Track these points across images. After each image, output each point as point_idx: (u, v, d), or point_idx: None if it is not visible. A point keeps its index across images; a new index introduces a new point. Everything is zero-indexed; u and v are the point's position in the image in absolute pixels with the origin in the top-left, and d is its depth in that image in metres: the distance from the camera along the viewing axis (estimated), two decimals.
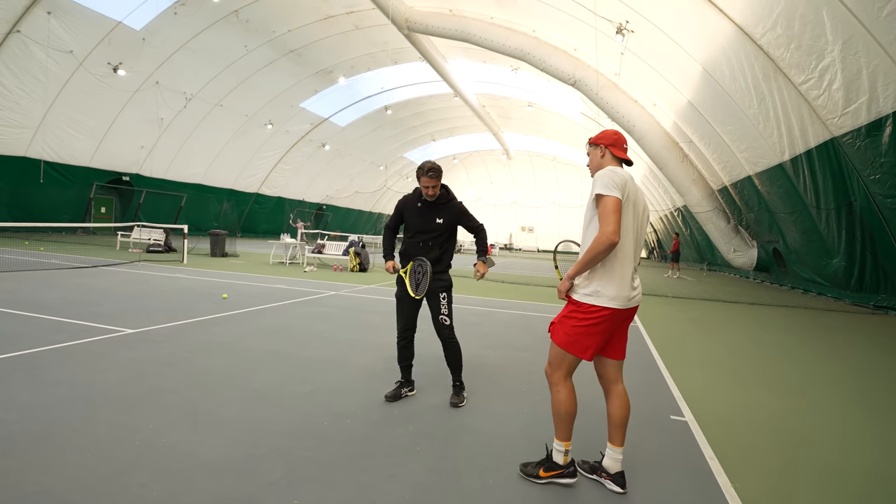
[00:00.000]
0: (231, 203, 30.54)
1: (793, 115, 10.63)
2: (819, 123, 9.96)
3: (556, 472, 2.48)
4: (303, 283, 10.06)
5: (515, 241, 50.42)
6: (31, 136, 19.08)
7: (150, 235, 16.27)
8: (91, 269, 10.00)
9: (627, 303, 2.41)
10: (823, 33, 8.41)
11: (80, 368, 3.75)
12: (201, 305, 6.65)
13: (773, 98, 10.91)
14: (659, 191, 27.67)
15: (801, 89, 9.86)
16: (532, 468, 2.53)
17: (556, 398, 2.49)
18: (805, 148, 10.92)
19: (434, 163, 3.44)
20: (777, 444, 3.17)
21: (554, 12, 15.72)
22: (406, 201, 3.62)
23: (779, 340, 6.92)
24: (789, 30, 9.14)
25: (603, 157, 2.56)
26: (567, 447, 2.49)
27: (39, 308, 5.74)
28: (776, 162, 12.46)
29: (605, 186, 2.34)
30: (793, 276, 14.99)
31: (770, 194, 13.83)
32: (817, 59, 8.96)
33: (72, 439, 2.60)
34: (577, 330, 2.41)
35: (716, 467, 2.74)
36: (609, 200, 2.31)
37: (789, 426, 3.50)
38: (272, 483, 2.31)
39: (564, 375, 2.49)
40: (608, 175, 2.37)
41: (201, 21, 19.41)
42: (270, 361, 4.29)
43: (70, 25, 17.06)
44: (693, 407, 3.74)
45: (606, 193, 2.32)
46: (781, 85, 10.36)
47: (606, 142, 2.56)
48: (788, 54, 9.58)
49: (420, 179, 3.45)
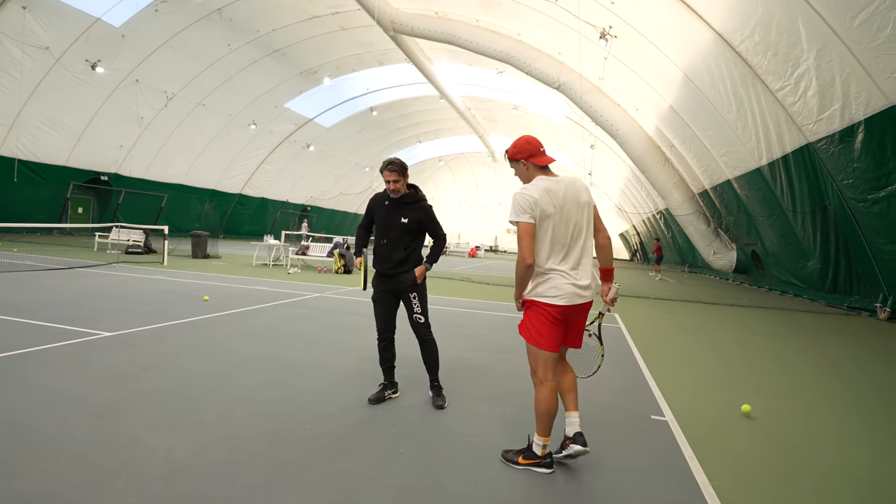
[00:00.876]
0: (213, 204, 30.06)
1: (770, 120, 10.89)
2: (795, 129, 10.23)
3: (534, 462, 2.63)
4: (286, 284, 9.95)
5: (501, 243, 50.63)
6: (4, 134, 18.53)
7: (129, 236, 15.92)
8: (67, 270, 9.75)
9: (575, 299, 2.55)
10: (799, 41, 8.65)
11: (56, 372, 3.65)
12: (182, 308, 6.54)
13: (751, 104, 11.16)
14: (641, 193, 28.07)
15: (777, 95, 10.12)
16: (512, 455, 2.70)
17: (539, 397, 2.62)
18: (782, 153, 11.19)
19: (396, 158, 3.42)
20: (756, 443, 3.23)
21: (539, 16, 15.86)
22: (375, 199, 3.60)
23: (758, 341, 7.07)
24: (766, 37, 9.37)
25: (528, 170, 2.66)
26: (545, 442, 2.62)
27: (12, 310, 5.57)
28: (754, 166, 12.75)
29: (514, 212, 2.52)
30: (770, 277, 15.34)
31: (749, 198, 14.14)
32: (793, 67, 9.20)
33: (45, 445, 2.53)
34: (532, 325, 2.62)
35: (695, 466, 2.78)
36: (520, 227, 2.50)
37: (768, 425, 3.57)
38: (253, 488, 2.28)
39: (544, 373, 2.61)
40: (516, 200, 2.52)
41: (183, 19, 19.10)
42: (252, 364, 4.23)
43: (46, 21, 16.64)
44: (673, 407, 3.80)
45: (515, 219, 2.51)
46: (759, 91, 10.61)
47: (524, 155, 2.64)
48: (766, 61, 9.82)
49: (382, 174, 3.42)
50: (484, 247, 39.04)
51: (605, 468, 2.73)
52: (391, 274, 3.50)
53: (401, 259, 3.48)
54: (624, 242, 45.07)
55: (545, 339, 2.59)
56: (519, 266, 2.52)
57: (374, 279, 3.61)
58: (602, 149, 26.90)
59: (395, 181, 3.37)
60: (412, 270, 3.53)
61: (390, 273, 3.50)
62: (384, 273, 3.52)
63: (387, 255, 3.47)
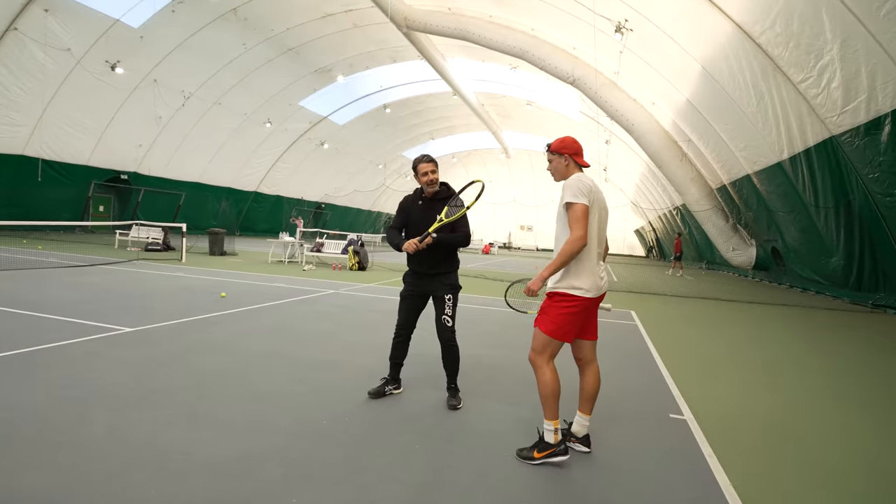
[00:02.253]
0: (230, 201, 30.46)
1: (792, 113, 10.63)
2: (818, 122, 9.96)
3: (550, 451, 2.65)
4: (301, 281, 10.04)
5: (514, 239, 50.41)
6: (28, 135, 18.99)
7: (148, 234, 16.23)
8: (89, 267, 9.97)
9: (598, 291, 2.74)
10: (822, 32, 8.41)
11: (77, 367, 3.73)
12: (200, 304, 6.64)
13: (771, 97, 10.90)
14: (658, 189, 27.68)
15: (799, 88, 9.86)
16: (527, 451, 2.71)
17: (543, 380, 2.70)
18: (804, 147, 10.92)
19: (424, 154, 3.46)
20: (777, 442, 3.17)
21: (553, 11, 15.69)
22: (407, 201, 3.60)
23: (778, 339, 6.93)
24: (788, 28, 9.13)
25: (567, 166, 2.84)
26: (556, 425, 2.68)
27: (36, 307, 5.72)
28: (775, 161, 12.46)
29: (573, 195, 2.64)
30: (791, 274, 15.01)
31: (769, 193, 13.84)
32: (816, 58, 8.95)
33: (67, 439, 2.58)
34: (560, 318, 2.68)
35: (715, 466, 2.73)
36: (578, 207, 2.62)
37: (789, 425, 3.50)
38: (270, 482, 2.30)
39: (548, 359, 2.72)
40: (576, 183, 2.67)
41: (199, 19, 19.33)
42: (269, 360, 4.28)
43: (67, 23, 16.98)
44: (692, 405, 3.74)
45: (575, 201, 2.63)
46: (780, 83, 10.36)
47: (570, 151, 2.83)
48: (787, 53, 9.58)
49: (418, 169, 3.42)
50: (497, 244, 38.88)
51: (622, 467, 2.70)
52: (430, 274, 3.47)
53: (439, 259, 3.44)
54: (640, 239, 44.52)
55: (568, 332, 2.71)
56: (575, 244, 2.58)
57: (407, 277, 3.59)
58: (617, 144, 26.57)
59: (433, 171, 3.42)
60: (452, 272, 3.52)
61: (428, 273, 3.47)
62: (420, 273, 3.49)
63: (425, 256, 3.39)
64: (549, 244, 47.51)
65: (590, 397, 2.87)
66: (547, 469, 2.62)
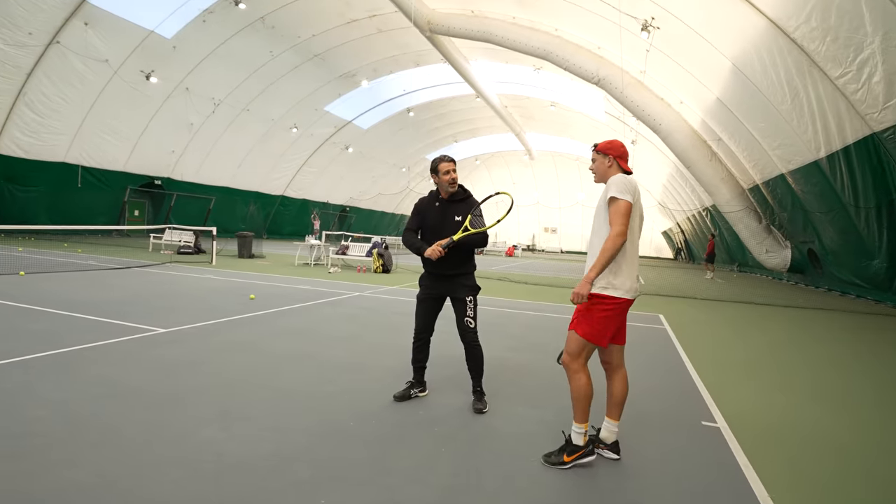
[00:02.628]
0: (257, 205, 31.16)
1: (829, 110, 10.23)
2: (857, 119, 9.56)
3: (579, 454, 2.65)
4: (327, 283, 10.18)
5: (538, 241, 49.98)
6: (69, 143, 19.86)
7: (180, 237, 16.73)
8: (125, 269, 10.34)
9: (635, 294, 2.71)
10: (862, 24, 8.07)
11: (115, 366, 3.87)
12: (229, 305, 6.80)
13: (807, 93, 10.52)
14: (686, 190, 27.02)
15: (837, 83, 9.49)
16: (555, 456, 2.68)
17: (577, 384, 2.70)
18: (842, 144, 10.49)
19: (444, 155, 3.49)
20: (819, 452, 3.03)
21: (577, 11, 15.53)
22: (423, 203, 3.58)
23: (816, 344, 6.66)
24: (825, 22, 8.80)
25: (610, 167, 2.82)
26: (585, 428, 2.70)
27: (77, 307, 5.96)
28: (811, 159, 12.01)
29: (619, 191, 2.63)
30: (829, 277, 14.41)
31: (805, 193, 13.34)
32: (855, 52, 8.60)
33: (105, 435, 2.68)
34: (599, 321, 2.65)
35: (751, 476, 2.64)
36: (622, 203, 2.61)
37: (832, 433, 3.35)
38: (299, 482, 2.33)
39: (583, 362, 2.72)
40: (622, 181, 2.67)
41: (229, 28, 19.88)
42: (296, 361, 4.34)
43: (105, 35, 17.70)
44: (725, 412, 3.62)
45: (620, 197, 2.61)
46: (817, 79, 9.99)
47: (615, 153, 2.82)
48: (824, 47, 9.23)
49: (439, 168, 3.42)
50: (521, 246, 38.60)
51: (653, 475, 2.63)
52: (448, 275, 3.45)
53: (457, 261, 3.42)
54: (667, 241, 43.54)
55: (605, 335, 2.68)
56: (617, 240, 2.56)
57: (424, 279, 3.57)
58: (644, 144, 26.08)
59: (454, 170, 3.43)
60: (470, 274, 3.51)
61: (447, 275, 3.45)
62: (438, 274, 3.47)
63: (443, 258, 3.33)
64: (573, 246, 46.90)
65: (618, 403, 2.84)
66: (574, 475, 2.58)
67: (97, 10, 16.69)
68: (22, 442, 2.53)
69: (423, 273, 3.60)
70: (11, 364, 3.74)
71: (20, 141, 18.28)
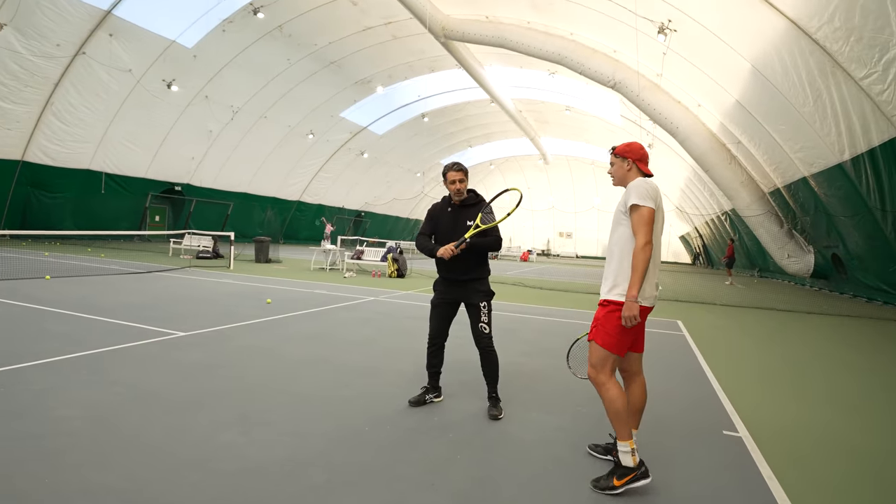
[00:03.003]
0: (274, 211, 31.58)
1: (853, 112, 9.99)
2: (883, 120, 9.31)
3: (630, 477, 2.44)
4: (342, 288, 10.25)
5: (553, 246, 49.63)
6: (93, 151, 20.43)
7: (199, 242, 17.03)
8: (146, 274, 10.56)
9: (654, 301, 2.63)
10: (888, 24, 7.87)
11: (137, 369, 3.94)
12: (247, 310, 6.89)
13: (830, 95, 10.29)
14: (704, 194, 26.59)
15: (862, 84, 9.26)
16: (604, 480, 2.48)
17: (609, 395, 2.54)
18: (868, 146, 10.22)
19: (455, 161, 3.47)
20: (845, 463, 2.94)
21: (592, 14, 15.46)
22: (436, 208, 3.62)
23: (841, 352, 6.48)
24: (848, 22, 8.60)
25: (629, 171, 2.72)
26: (632, 445, 2.48)
27: (101, 311, 6.10)
28: (835, 162, 11.73)
29: (640, 197, 2.53)
30: (855, 283, 14.02)
31: (828, 196, 13.02)
32: (881, 52, 8.39)
33: (130, 437, 2.73)
34: (618, 329, 2.54)
35: (776, 488, 2.57)
36: (645, 211, 2.51)
37: (859, 444, 3.24)
38: (315, 487, 2.34)
39: (610, 374, 2.58)
40: (643, 186, 2.57)
41: (247, 37, 20.27)
42: (312, 365, 4.38)
43: (129, 46, 18.20)
44: (747, 421, 3.53)
45: (643, 204, 2.51)
46: (840, 80, 9.76)
47: (635, 156, 2.71)
48: (848, 48, 9.02)
49: (447, 176, 3.45)
50: (536, 251, 38.36)
51: (673, 486, 2.57)
52: (462, 281, 3.47)
53: (471, 265, 3.44)
54: (685, 245, 42.88)
55: (622, 343, 2.58)
56: (646, 251, 2.47)
57: (438, 285, 3.59)
58: (660, 148, 25.76)
59: (461, 180, 3.43)
60: (484, 279, 3.51)
61: (460, 280, 3.47)
62: (451, 280, 3.49)
63: (456, 262, 3.37)
64: (589, 251, 46.47)
65: (637, 410, 2.77)
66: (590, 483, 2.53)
67: (121, 21, 17.18)
68: (49, 441, 2.59)
69: (437, 278, 3.62)
70: (40, 365, 3.84)
71: (47, 149, 18.88)
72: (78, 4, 15.93)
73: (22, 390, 3.30)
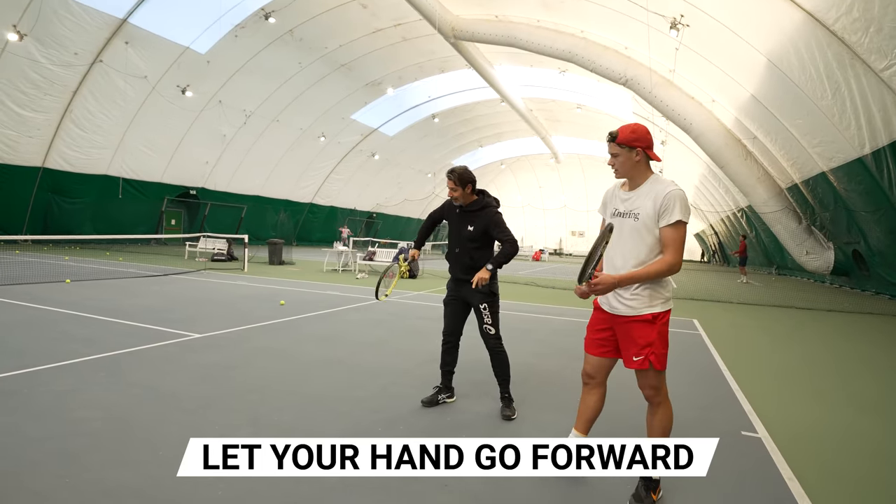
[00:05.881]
0: (287, 213, 31.88)
1: (874, 104, 9.75)
2: None
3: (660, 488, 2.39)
4: (355, 289, 10.30)
5: (566, 245, 49.32)
6: (111, 156, 20.84)
7: (214, 245, 17.25)
8: (163, 277, 10.73)
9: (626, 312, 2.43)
10: None
11: (155, 370, 4.00)
12: (261, 311, 6.95)
13: (849, 87, 10.06)
14: (720, 191, 26.19)
15: (882, 76, 9.03)
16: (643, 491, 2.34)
17: (670, 413, 2.41)
18: (889, 140, 9.97)
19: (459, 167, 3.43)
20: (867, 466, 2.87)
21: (603, 11, 15.32)
22: (449, 205, 3.64)
23: (863, 350, 6.32)
24: (868, 12, 8.40)
25: (639, 161, 2.35)
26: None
27: (119, 314, 6.20)
28: (855, 156, 11.46)
29: (684, 212, 2.26)
30: (877, 280, 13.68)
31: (848, 191, 12.73)
32: None
33: (147, 437, 2.77)
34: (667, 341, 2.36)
35: (797, 490, 2.51)
36: (684, 229, 2.28)
37: (880, 447, 3.16)
38: (330, 488, 2.35)
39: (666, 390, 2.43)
40: (683, 200, 2.27)
41: (259, 42, 20.50)
42: (325, 366, 4.40)
43: (144, 53, 18.52)
44: (767, 422, 3.46)
45: (685, 220, 2.27)
46: (859, 72, 9.54)
47: (643, 144, 2.32)
48: (867, 39, 8.81)
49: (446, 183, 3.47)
50: (548, 250, 38.12)
51: (691, 489, 2.53)
52: (462, 280, 3.51)
53: (468, 266, 3.47)
54: (700, 243, 42.30)
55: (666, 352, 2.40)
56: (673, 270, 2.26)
57: (449, 283, 3.64)
58: (674, 144, 25.44)
59: (452, 189, 3.42)
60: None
61: (462, 279, 3.51)
62: (457, 278, 3.56)
63: (457, 263, 3.51)
64: None
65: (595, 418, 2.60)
66: (612, 488, 2.50)
67: (137, 29, 17.49)
68: (69, 442, 2.64)
69: (450, 278, 3.66)
70: (60, 367, 3.92)
71: (66, 155, 19.30)
72: (94, 13, 16.25)
73: (43, 392, 3.37)
